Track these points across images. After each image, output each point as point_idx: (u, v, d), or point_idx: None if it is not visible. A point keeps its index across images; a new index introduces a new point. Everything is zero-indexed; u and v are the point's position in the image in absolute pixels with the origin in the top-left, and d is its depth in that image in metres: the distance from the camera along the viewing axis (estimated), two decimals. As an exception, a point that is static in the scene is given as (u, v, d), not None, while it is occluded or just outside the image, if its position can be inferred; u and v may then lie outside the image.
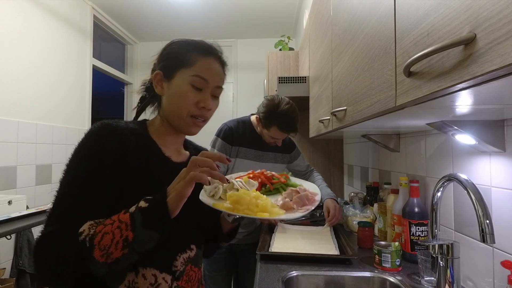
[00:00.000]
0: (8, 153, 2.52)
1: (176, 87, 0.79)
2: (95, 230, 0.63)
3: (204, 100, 0.79)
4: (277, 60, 2.84)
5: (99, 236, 0.62)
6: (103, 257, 0.62)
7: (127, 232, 0.62)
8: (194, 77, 0.78)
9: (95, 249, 0.61)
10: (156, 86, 0.82)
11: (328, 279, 1.11)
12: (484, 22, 0.38)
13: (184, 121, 0.80)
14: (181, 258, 0.78)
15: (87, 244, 0.61)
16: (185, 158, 0.88)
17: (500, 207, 0.87)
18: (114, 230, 0.62)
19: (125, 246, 0.62)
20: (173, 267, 0.76)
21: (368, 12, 0.84)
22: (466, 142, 0.93)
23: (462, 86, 0.45)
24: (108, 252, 0.61)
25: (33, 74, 2.77)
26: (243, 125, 1.78)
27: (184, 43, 0.83)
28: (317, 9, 1.76)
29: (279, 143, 1.74)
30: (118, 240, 0.62)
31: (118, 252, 0.62)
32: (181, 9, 3.65)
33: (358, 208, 1.71)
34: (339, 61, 1.19)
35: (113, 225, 0.63)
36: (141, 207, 0.64)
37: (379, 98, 0.74)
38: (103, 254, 0.61)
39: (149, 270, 0.72)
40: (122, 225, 0.63)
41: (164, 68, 0.81)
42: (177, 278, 0.77)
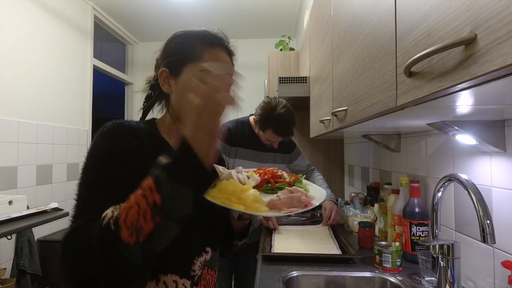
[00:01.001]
0: (9, 153, 2.52)
1: (184, 84, 0.75)
2: (119, 212, 0.55)
3: None
4: (278, 60, 2.84)
5: (124, 214, 0.54)
6: (133, 236, 0.52)
7: (153, 196, 0.53)
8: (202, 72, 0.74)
9: (122, 229, 0.53)
10: (163, 84, 0.78)
11: (328, 279, 1.11)
12: (485, 23, 0.38)
13: None
14: (198, 262, 0.76)
15: (111, 227, 0.53)
16: None
17: (500, 207, 0.87)
18: (138, 200, 0.54)
19: (155, 213, 0.53)
20: (192, 272, 0.74)
21: (368, 12, 0.84)
22: (467, 142, 0.93)
23: (462, 86, 0.45)
24: (137, 227, 0.52)
25: (34, 74, 2.77)
26: (242, 125, 1.77)
27: (188, 36, 0.79)
28: (317, 9, 1.76)
29: (275, 145, 1.74)
30: (146, 209, 0.53)
31: (149, 224, 0.53)
32: (181, 9, 3.65)
33: (359, 208, 1.71)
34: (339, 61, 1.19)
35: (137, 196, 0.55)
36: (162, 163, 0.56)
37: (379, 98, 0.75)
38: (131, 232, 0.52)
39: (170, 277, 0.70)
40: (147, 192, 0.54)
41: (169, 65, 0.77)
42: (196, 283, 0.75)
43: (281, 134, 1.63)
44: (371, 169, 1.98)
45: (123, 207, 0.55)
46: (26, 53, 2.69)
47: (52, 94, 3.01)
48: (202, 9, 3.63)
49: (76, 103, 3.38)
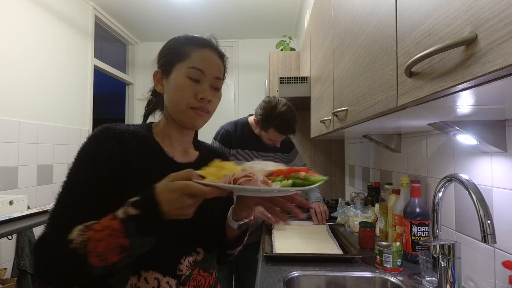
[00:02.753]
0: (10, 153, 2.52)
1: (173, 82, 0.78)
2: (87, 236, 0.60)
3: (202, 91, 0.77)
4: (279, 60, 2.84)
5: (92, 243, 0.59)
6: (101, 262, 0.60)
7: (121, 239, 0.59)
8: (190, 69, 0.77)
9: (90, 255, 0.59)
10: (157, 85, 0.83)
11: (329, 279, 1.11)
12: (486, 23, 0.38)
13: (185, 114, 0.78)
14: (186, 262, 0.75)
15: (80, 251, 0.59)
16: (193, 158, 0.87)
17: (501, 208, 0.87)
18: (106, 237, 0.59)
19: (122, 251, 0.60)
20: (178, 271, 0.74)
21: (369, 12, 0.84)
22: (468, 142, 0.93)
23: (463, 86, 0.45)
24: (105, 257, 0.60)
25: (34, 74, 2.78)
26: (241, 126, 1.78)
27: (179, 38, 0.83)
28: (318, 10, 1.76)
29: (277, 144, 1.75)
30: (114, 247, 0.59)
31: (116, 257, 0.60)
32: (182, 9, 3.65)
33: (360, 208, 1.71)
34: (340, 61, 1.19)
35: (104, 232, 0.60)
36: (132, 215, 0.60)
37: (380, 99, 0.75)
38: (100, 259, 0.59)
39: (152, 274, 0.70)
40: (115, 233, 0.59)
41: (162, 66, 0.81)
42: (183, 283, 0.74)
43: (284, 132, 1.64)
44: (372, 169, 1.98)
45: (89, 234, 0.60)
46: (27, 53, 2.70)
47: (53, 94, 3.01)
48: (203, 9, 3.64)
49: (77, 103, 3.38)
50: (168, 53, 0.81)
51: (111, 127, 0.75)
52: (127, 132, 0.76)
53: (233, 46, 4.48)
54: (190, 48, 0.79)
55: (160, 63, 0.82)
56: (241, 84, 4.53)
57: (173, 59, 0.79)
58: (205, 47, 0.80)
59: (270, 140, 1.70)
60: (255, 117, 1.72)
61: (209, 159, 0.81)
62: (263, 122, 1.65)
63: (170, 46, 0.82)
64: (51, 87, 2.98)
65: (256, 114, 1.71)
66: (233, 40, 4.48)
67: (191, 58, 0.78)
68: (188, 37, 0.82)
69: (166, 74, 0.80)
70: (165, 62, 0.81)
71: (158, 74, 0.82)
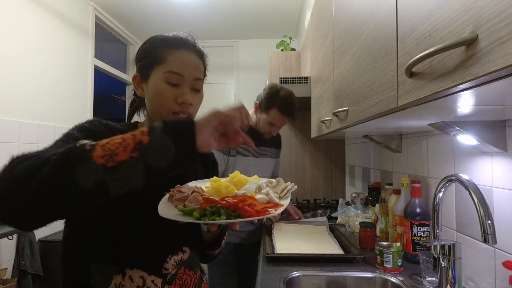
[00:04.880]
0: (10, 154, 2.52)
1: (152, 87, 0.76)
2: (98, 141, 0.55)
3: (182, 94, 0.75)
4: (279, 60, 2.84)
5: (105, 141, 0.54)
6: (104, 158, 0.51)
7: (142, 136, 0.54)
8: (167, 74, 0.74)
9: (96, 150, 0.52)
10: (137, 89, 0.81)
11: (330, 280, 1.11)
12: (486, 23, 0.38)
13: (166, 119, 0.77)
14: (172, 260, 0.75)
15: (86, 147, 0.52)
16: None
17: (501, 208, 0.87)
18: (125, 136, 0.55)
19: (137, 148, 0.53)
20: (164, 270, 0.73)
21: (369, 12, 0.84)
22: (468, 142, 0.93)
23: (464, 86, 0.45)
24: (113, 153, 0.52)
25: (35, 74, 2.78)
26: None
27: (154, 40, 0.80)
28: (319, 10, 1.76)
29: (274, 132, 1.74)
30: (130, 143, 0.53)
31: (126, 154, 0.52)
32: (183, 10, 3.65)
33: (360, 208, 1.71)
34: (340, 61, 1.19)
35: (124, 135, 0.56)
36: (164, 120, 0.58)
37: (381, 99, 0.75)
38: (105, 154, 0.51)
39: (136, 272, 0.69)
40: (137, 133, 0.55)
41: (140, 70, 0.80)
42: (169, 282, 0.73)
43: (286, 113, 1.65)
44: (372, 170, 1.98)
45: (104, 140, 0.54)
46: (27, 53, 2.70)
47: (53, 95, 3.01)
48: (203, 9, 3.64)
49: (77, 103, 3.38)
50: (144, 56, 0.79)
51: (102, 121, 0.75)
52: (116, 128, 0.76)
53: (233, 46, 4.48)
54: (166, 50, 0.76)
55: (138, 66, 0.80)
56: (241, 85, 4.53)
57: (149, 63, 0.77)
58: (181, 48, 0.77)
59: (269, 125, 1.69)
60: (257, 100, 1.74)
61: None
62: (266, 101, 1.66)
63: (146, 49, 0.79)
64: (51, 87, 2.98)
65: (259, 97, 1.72)
66: (233, 40, 4.48)
67: (168, 62, 0.75)
68: (163, 39, 0.79)
69: (145, 78, 0.78)
70: (142, 66, 0.79)
71: (137, 78, 0.81)
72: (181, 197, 0.65)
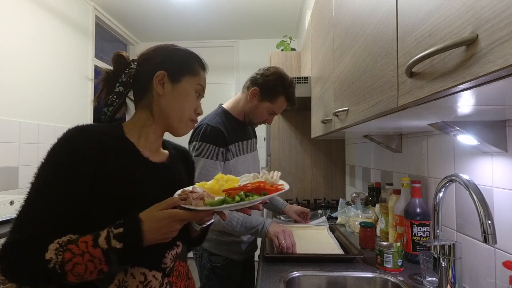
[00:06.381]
0: (10, 154, 2.53)
1: (183, 91, 0.84)
2: (63, 257, 0.62)
3: (199, 106, 0.89)
4: (279, 60, 2.85)
5: (70, 264, 0.62)
6: (78, 280, 0.64)
7: (101, 266, 0.63)
8: (199, 86, 0.87)
9: (68, 275, 0.62)
10: (157, 85, 0.83)
11: (330, 280, 1.11)
12: (486, 23, 0.38)
13: (184, 124, 0.86)
14: (169, 255, 0.81)
15: (58, 271, 0.62)
16: (164, 158, 0.89)
17: (502, 208, 0.87)
18: (86, 262, 0.62)
19: (100, 274, 0.64)
20: (163, 264, 0.78)
21: (370, 12, 0.84)
22: (468, 142, 0.93)
23: (464, 86, 0.45)
24: (83, 277, 0.63)
25: (35, 74, 2.78)
26: (225, 118, 1.53)
27: (188, 53, 0.89)
28: (319, 10, 1.76)
29: (270, 121, 1.61)
30: (93, 270, 0.63)
31: (93, 277, 0.64)
32: (183, 10, 3.65)
33: (360, 208, 1.71)
34: (341, 61, 1.19)
35: (84, 257, 0.62)
36: (115, 247, 0.63)
37: (381, 99, 0.75)
38: (77, 278, 0.63)
39: (138, 269, 0.74)
40: (95, 260, 0.63)
41: (171, 71, 0.83)
42: (168, 275, 0.79)
43: (292, 101, 1.55)
44: (373, 170, 1.98)
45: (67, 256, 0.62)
46: (27, 53, 2.70)
47: (54, 94, 3.01)
48: (203, 9, 3.64)
49: (77, 103, 3.38)
50: (179, 62, 0.86)
51: (85, 129, 0.74)
52: (101, 133, 0.75)
53: (233, 46, 4.48)
54: (198, 67, 0.88)
55: (169, 68, 0.84)
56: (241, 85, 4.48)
57: (184, 70, 0.85)
58: (204, 71, 0.91)
59: (268, 114, 1.56)
60: (256, 86, 1.51)
61: (178, 157, 0.95)
62: (275, 88, 1.49)
63: (181, 57, 0.87)
64: (51, 87, 2.98)
65: (260, 82, 1.51)
66: (233, 40, 4.48)
67: (199, 77, 0.88)
68: (195, 55, 0.90)
69: (174, 80, 0.84)
70: (175, 69, 0.84)
71: (164, 76, 0.83)
72: (198, 196, 0.71)
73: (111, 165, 0.73)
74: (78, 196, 0.68)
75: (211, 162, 1.38)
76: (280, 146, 2.77)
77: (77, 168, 0.69)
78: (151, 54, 0.86)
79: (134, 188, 0.75)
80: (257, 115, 1.55)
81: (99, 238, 0.64)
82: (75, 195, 0.68)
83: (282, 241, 1.27)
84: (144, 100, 0.85)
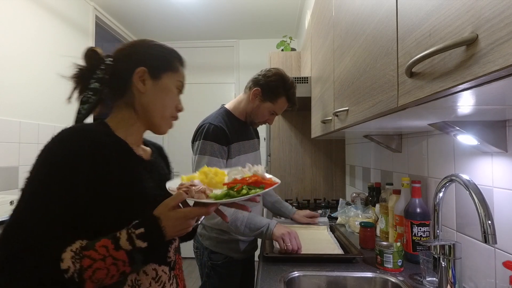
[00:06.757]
0: (10, 154, 2.53)
1: (164, 88, 0.83)
2: (81, 264, 0.60)
3: (180, 103, 0.88)
4: (279, 60, 2.85)
5: (90, 271, 0.61)
6: (96, 285, 0.63)
7: (124, 267, 0.64)
8: (179, 82, 0.86)
9: (87, 282, 0.61)
10: (138, 82, 0.80)
11: (330, 280, 1.11)
12: (486, 23, 0.38)
13: (165, 121, 0.85)
14: (172, 249, 0.83)
15: (75, 279, 0.60)
16: (149, 155, 0.89)
17: (502, 208, 0.87)
18: (109, 266, 0.62)
19: (121, 276, 0.66)
20: (168, 258, 0.81)
21: (370, 12, 0.84)
22: (468, 142, 0.93)
23: (464, 86, 0.45)
24: (102, 283, 0.63)
25: (34, 74, 2.78)
26: (227, 118, 1.56)
27: (167, 49, 0.87)
28: (319, 10, 1.76)
29: (271, 121, 1.63)
30: (115, 274, 0.63)
31: (114, 280, 0.65)
32: (183, 10, 3.65)
33: (360, 208, 1.71)
34: (341, 61, 1.19)
35: (106, 261, 0.62)
36: (140, 247, 0.64)
37: (381, 99, 0.75)
38: (95, 285, 0.63)
39: (149, 266, 0.75)
40: (119, 262, 0.63)
41: (151, 68, 0.82)
42: (173, 268, 0.82)
43: (293, 102, 1.57)
44: (373, 170, 1.98)
45: (86, 263, 0.61)
46: (27, 53, 2.70)
47: (54, 94, 3.01)
48: (203, 9, 3.64)
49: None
50: (159, 58, 0.84)
51: (81, 128, 0.72)
52: (96, 132, 0.73)
53: (233, 46, 4.48)
54: (178, 63, 0.87)
55: (149, 64, 0.82)
56: (241, 85, 4.52)
57: (164, 66, 0.84)
58: (184, 68, 0.91)
59: (270, 114, 1.57)
60: (257, 87, 1.54)
61: (158, 154, 0.96)
62: (276, 89, 1.51)
63: (161, 53, 0.85)
64: (51, 87, 2.98)
65: (262, 83, 1.53)
66: (233, 40, 4.48)
67: (179, 73, 0.87)
68: (175, 52, 0.89)
69: (154, 77, 0.82)
70: (156, 66, 0.83)
71: (144, 73, 0.81)
72: (199, 189, 0.72)
73: (109, 165, 0.71)
74: (76, 197, 0.66)
75: (216, 160, 1.41)
76: (280, 146, 2.77)
77: (75, 168, 0.66)
78: (130, 50, 0.84)
79: (132, 187, 0.74)
80: (258, 115, 1.57)
81: (120, 241, 0.64)
82: (73, 196, 0.65)
83: (288, 243, 1.27)
84: (125, 97, 0.82)
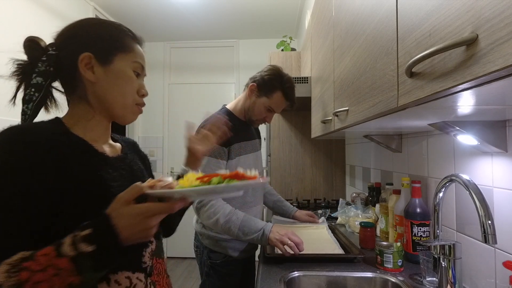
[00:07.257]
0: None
1: (118, 73, 0.72)
2: (19, 279, 0.51)
3: (143, 87, 0.77)
4: (279, 60, 2.85)
5: (28, 286, 0.51)
6: None
7: (70, 278, 0.53)
8: (135, 63, 0.75)
9: None
10: (85, 71, 0.70)
11: (330, 280, 1.11)
12: (486, 23, 0.38)
13: (130, 110, 0.76)
14: (147, 253, 0.75)
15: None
16: (118, 151, 0.81)
17: (502, 208, 0.87)
18: (51, 278, 0.52)
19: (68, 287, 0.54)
20: (143, 264, 0.73)
21: (370, 12, 0.84)
22: (468, 142, 0.93)
23: (464, 86, 0.45)
24: None
25: (36, 74, 2.78)
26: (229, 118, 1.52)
27: (115, 26, 0.76)
28: (319, 10, 1.77)
29: (269, 119, 1.61)
30: (60, 286, 0.53)
31: None
32: (183, 10, 3.65)
33: (360, 208, 1.71)
34: (341, 61, 1.19)
35: (46, 272, 0.51)
36: (85, 252, 0.53)
37: (381, 99, 0.75)
38: None
39: (121, 274, 0.67)
40: (62, 273, 0.52)
41: (98, 52, 0.71)
42: (149, 274, 0.74)
43: (289, 98, 1.55)
44: (373, 170, 1.98)
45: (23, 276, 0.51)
46: (28, 53, 2.70)
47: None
48: (203, 9, 3.64)
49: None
50: (106, 39, 0.73)
51: (25, 128, 0.64)
52: (46, 130, 0.65)
53: (233, 46, 4.48)
54: (131, 41, 0.76)
55: (95, 48, 0.71)
56: (241, 85, 4.52)
57: (113, 48, 0.73)
58: (141, 44, 0.79)
59: (266, 111, 1.56)
60: (254, 82, 1.55)
61: (130, 149, 0.88)
62: (270, 82, 1.51)
63: (107, 32, 0.73)
64: (52, 87, 2.98)
65: (259, 78, 1.54)
66: (233, 40, 4.48)
67: (134, 52, 0.75)
68: (123, 28, 0.77)
69: (104, 62, 0.71)
70: (103, 48, 0.72)
71: (90, 59, 0.70)
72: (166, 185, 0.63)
73: (63, 166, 0.63)
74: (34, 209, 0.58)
75: (214, 160, 1.41)
76: (280, 146, 2.77)
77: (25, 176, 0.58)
78: (70, 34, 0.73)
79: (93, 186, 0.66)
80: (255, 111, 1.57)
81: (62, 246, 0.53)
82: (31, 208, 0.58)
83: (288, 242, 1.24)
84: (77, 91, 0.74)
